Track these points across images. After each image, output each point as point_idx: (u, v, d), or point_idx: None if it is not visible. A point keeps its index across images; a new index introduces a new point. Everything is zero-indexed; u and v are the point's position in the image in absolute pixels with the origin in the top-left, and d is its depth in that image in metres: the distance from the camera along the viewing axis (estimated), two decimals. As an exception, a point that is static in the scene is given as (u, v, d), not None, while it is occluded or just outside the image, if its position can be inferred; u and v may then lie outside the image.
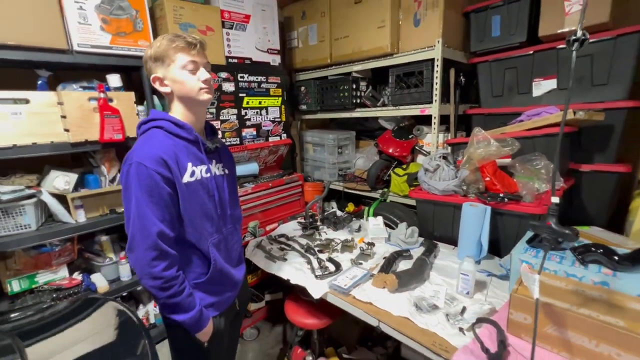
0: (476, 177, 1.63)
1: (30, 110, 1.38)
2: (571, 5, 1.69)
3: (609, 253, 1.02)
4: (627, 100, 1.68)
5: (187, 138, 1.00)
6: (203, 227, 1.02)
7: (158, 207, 0.91)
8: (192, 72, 0.95)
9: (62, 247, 1.74)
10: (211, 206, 1.05)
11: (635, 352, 0.78)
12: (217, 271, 1.05)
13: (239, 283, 1.18)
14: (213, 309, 1.07)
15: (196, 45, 0.95)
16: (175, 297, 0.94)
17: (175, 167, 0.94)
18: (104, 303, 1.01)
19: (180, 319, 0.96)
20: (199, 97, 0.97)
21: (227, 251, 1.12)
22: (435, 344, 0.99)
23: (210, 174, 1.05)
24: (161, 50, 0.94)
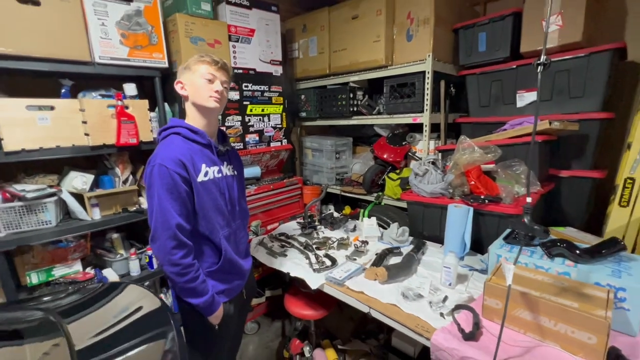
0: (462, 181, 1.77)
1: (55, 116, 1.52)
2: (548, 26, 1.85)
3: (571, 248, 1.16)
4: (600, 112, 1.83)
5: (201, 142, 1.14)
6: (215, 221, 1.16)
7: (177, 202, 1.05)
8: (209, 82, 1.11)
9: (76, 243, 1.86)
10: (222, 203, 1.19)
11: (585, 328, 0.92)
12: (227, 261, 1.18)
13: (246, 273, 1.31)
14: (224, 296, 1.21)
15: (218, 63, 1.11)
16: (191, 282, 1.07)
17: (192, 168, 1.08)
18: (126, 286, 1.14)
19: (195, 302, 1.10)
20: (207, 103, 1.11)
21: (235, 243, 1.25)
22: (418, 326, 1.12)
23: (221, 174, 1.19)
24: (191, 62, 1.13)
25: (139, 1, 1.69)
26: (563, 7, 1.79)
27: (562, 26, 1.81)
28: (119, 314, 0.95)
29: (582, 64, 1.82)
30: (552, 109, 1.97)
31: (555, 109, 1.97)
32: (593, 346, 0.91)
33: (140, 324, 0.93)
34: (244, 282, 1.30)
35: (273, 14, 2.33)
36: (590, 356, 0.92)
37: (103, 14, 1.58)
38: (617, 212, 1.78)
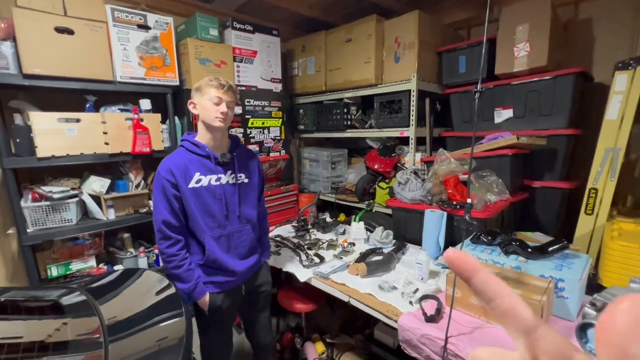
0: (441, 189, 1.96)
1: (80, 127, 1.75)
2: (519, 50, 2.07)
3: (524, 246, 1.34)
4: (567, 128, 2.02)
5: (200, 154, 1.34)
6: (203, 222, 1.33)
7: (166, 202, 1.28)
8: (216, 104, 1.29)
9: (92, 241, 2.07)
10: (216, 207, 1.34)
11: (524, 310, 1.09)
12: (210, 259, 1.35)
13: (239, 272, 1.41)
14: (213, 286, 1.39)
15: (224, 86, 1.30)
16: (175, 269, 1.30)
17: (182, 176, 1.28)
18: (143, 272, 1.33)
19: (180, 286, 1.30)
20: (213, 123, 1.30)
21: (228, 245, 1.39)
22: (389, 311, 1.29)
23: (219, 183, 1.36)
24: (202, 85, 1.32)
25: (156, 28, 1.94)
26: (530, 35, 2.01)
27: (530, 52, 2.03)
28: (143, 294, 1.14)
29: (550, 85, 2.02)
30: (525, 125, 2.17)
31: (528, 125, 2.16)
32: (531, 326, 1.08)
33: (163, 303, 1.12)
34: (236, 280, 1.43)
35: (274, 37, 2.58)
36: (529, 335, 1.08)
37: (125, 40, 1.82)
38: (583, 219, 1.95)
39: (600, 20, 2.25)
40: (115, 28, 1.78)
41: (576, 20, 2.32)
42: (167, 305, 1.12)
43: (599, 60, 2.27)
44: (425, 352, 1.16)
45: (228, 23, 2.32)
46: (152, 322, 1.02)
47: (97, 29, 1.72)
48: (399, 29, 2.37)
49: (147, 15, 1.89)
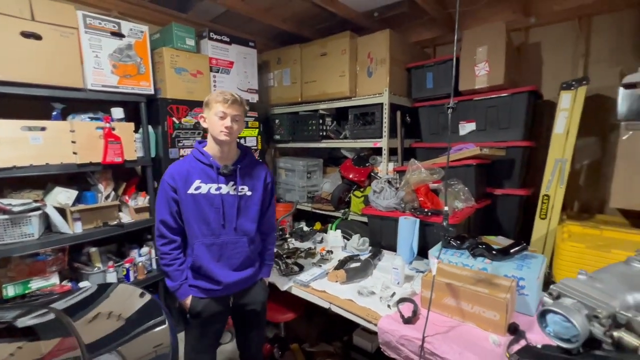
0: (413, 197, 2.07)
1: (47, 136, 1.66)
2: (479, 70, 2.26)
3: (489, 249, 1.45)
4: (522, 141, 2.23)
5: (204, 162, 1.38)
6: (197, 227, 1.36)
7: (166, 204, 1.35)
8: (221, 119, 1.32)
9: (54, 257, 1.94)
10: (212, 215, 1.36)
11: (492, 308, 1.19)
12: (196, 265, 1.37)
13: (225, 283, 1.39)
14: (197, 290, 1.39)
15: (229, 101, 1.32)
16: (165, 267, 1.37)
17: (181, 181, 1.33)
18: (116, 286, 1.28)
19: (167, 283, 1.39)
20: (219, 136, 1.33)
21: (220, 254, 1.38)
22: (369, 315, 1.34)
23: (219, 192, 1.37)
24: (210, 100, 1.36)
25: (131, 36, 1.90)
26: (489, 56, 2.21)
27: (489, 71, 2.23)
28: (118, 309, 1.10)
29: (507, 102, 2.23)
30: (487, 138, 2.36)
31: (489, 138, 2.35)
32: (498, 322, 1.18)
33: (142, 313, 1.09)
34: (222, 290, 1.41)
35: (251, 49, 2.61)
36: (497, 330, 1.18)
37: (97, 47, 1.78)
38: (538, 223, 2.14)
39: (547, 45, 2.52)
40: (87, 35, 1.73)
41: (527, 44, 2.58)
42: (148, 314, 1.09)
43: (547, 80, 2.53)
44: (404, 353, 1.22)
45: (204, 33, 2.32)
46: (135, 334, 0.99)
47: (68, 35, 1.66)
48: (372, 45, 2.51)
49: (121, 22, 1.85)
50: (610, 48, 2.26)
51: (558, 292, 0.51)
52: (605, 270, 0.56)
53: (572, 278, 0.53)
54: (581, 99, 1.97)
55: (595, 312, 0.45)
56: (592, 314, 0.45)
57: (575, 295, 0.49)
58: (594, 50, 2.33)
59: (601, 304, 0.46)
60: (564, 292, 0.50)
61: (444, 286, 1.30)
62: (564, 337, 0.47)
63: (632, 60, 2.17)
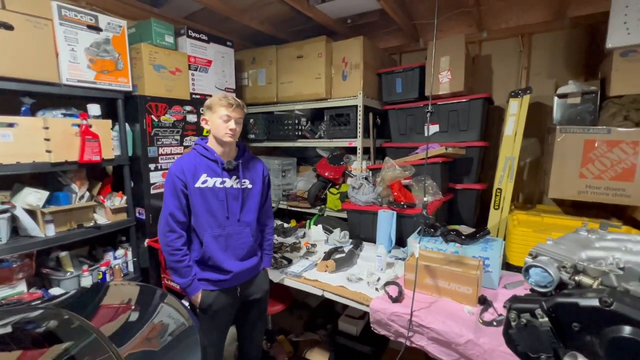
0: (388, 192, 2.26)
1: (17, 133, 1.56)
2: (442, 77, 2.53)
3: (459, 235, 1.68)
4: (478, 141, 2.53)
5: (209, 157, 1.42)
6: (205, 220, 1.40)
7: (175, 198, 1.38)
8: (225, 121, 1.38)
9: (21, 263, 1.81)
10: (218, 208, 1.42)
11: (465, 283, 1.39)
12: (206, 256, 1.41)
13: (233, 273, 1.45)
14: (207, 283, 1.42)
15: (232, 105, 1.38)
16: (176, 263, 1.37)
17: (190, 176, 1.38)
18: (108, 286, 1.27)
19: (177, 281, 1.38)
20: (224, 138, 1.40)
21: (226, 244, 1.44)
22: (361, 298, 1.48)
23: (223, 186, 1.43)
24: (213, 103, 1.40)
25: (108, 31, 1.84)
26: (451, 65, 2.48)
27: (451, 79, 2.50)
28: (123, 303, 1.10)
29: (465, 106, 2.52)
30: (449, 138, 2.63)
31: (451, 138, 2.63)
32: (470, 295, 1.39)
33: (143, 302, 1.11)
34: (231, 280, 1.47)
35: (228, 48, 2.62)
36: (470, 302, 1.39)
37: (73, 40, 1.70)
38: (493, 213, 2.45)
39: (496, 57, 2.87)
40: (62, 27, 1.65)
41: (481, 56, 2.92)
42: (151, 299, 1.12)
43: (497, 88, 2.89)
44: (394, 328, 1.37)
45: (183, 31, 2.30)
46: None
47: (42, 26, 1.57)
48: (346, 50, 2.66)
49: (98, 16, 1.79)
50: (547, 63, 2.66)
51: (536, 252, 0.68)
52: (563, 238, 0.75)
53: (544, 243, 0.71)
54: (526, 106, 2.31)
55: (563, 263, 0.63)
56: (561, 265, 0.63)
57: (549, 253, 0.66)
58: (534, 64, 2.71)
59: (566, 258, 0.64)
60: (540, 253, 0.68)
61: (424, 268, 1.48)
62: (542, 284, 0.64)
63: (563, 74, 2.58)
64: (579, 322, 0.55)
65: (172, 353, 0.87)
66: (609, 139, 1.98)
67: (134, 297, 1.16)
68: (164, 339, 0.93)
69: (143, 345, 0.91)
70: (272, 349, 2.00)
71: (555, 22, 2.57)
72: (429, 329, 1.28)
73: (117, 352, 0.83)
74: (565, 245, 0.70)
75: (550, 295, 0.62)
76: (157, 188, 2.18)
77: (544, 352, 0.58)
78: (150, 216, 2.16)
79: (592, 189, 2.06)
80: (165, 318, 1.01)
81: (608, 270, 0.59)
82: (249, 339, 1.69)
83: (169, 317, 1.00)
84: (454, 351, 1.23)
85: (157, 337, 0.94)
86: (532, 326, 0.59)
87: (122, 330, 0.94)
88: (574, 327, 0.56)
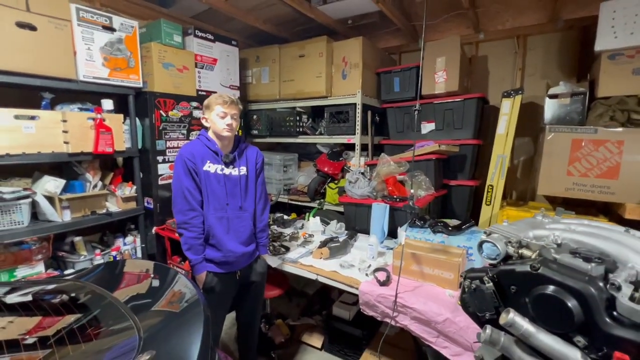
0: (383, 186, 2.37)
1: (39, 125, 1.70)
2: (438, 77, 2.62)
3: (446, 226, 1.78)
4: (473, 139, 2.63)
5: (211, 148, 1.56)
6: (210, 201, 1.54)
7: (188, 176, 1.51)
8: (222, 118, 1.51)
9: (40, 245, 1.96)
10: (219, 191, 1.55)
11: (448, 269, 1.50)
12: (212, 235, 1.54)
13: (237, 254, 1.58)
14: (213, 265, 1.55)
15: (227, 102, 1.52)
16: (195, 239, 1.51)
17: (199, 159, 1.52)
18: (124, 262, 1.41)
19: (190, 256, 1.51)
20: (222, 133, 1.53)
21: (228, 226, 1.57)
22: (351, 282, 1.60)
23: (222, 173, 1.57)
24: (210, 102, 1.54)
25: (121, 31, 1.97)
26: (446, 66, 2.58)
27: (446, 79, 2.59)
28: (139, 273, 1.24)
29: (460, 105, 2.61)
30: (444, 136, 2.73)
31: (446, 136, 2.72)
32: (452, 280, 1.50)
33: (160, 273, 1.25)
34: (232, 265, 1.60)
35: (233, 47, 2.75)
36: (452, 287, 1.50)
37: (90, 40, 1.83)
38: (484, 209, 2.55)
39: (492, 58, 2.96)
40: (80, 27, 1.78)
41: (477, 57, 3.01)
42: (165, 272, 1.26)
43: (492, 88, 2.97)
44: (380, 309, 1.49)
45: (190, 31, 2.42)
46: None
47: (62, 27, 1.70)
48: (346, 50, 2.76)
49: (112, 17, 1.92)
50: (541, 64, 2.74)
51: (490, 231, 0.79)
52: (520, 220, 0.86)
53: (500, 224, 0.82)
54: (517, 106, 2.39)
55: (509, 239, 0.74)
56: (508, 240, 0.74)
57: (499, 232, 0.77)
58: (529, 65, 2.79)
59: (514, 235, 0.75)
60: (493, 231, 0.79)
61: (410, 256, 1.59)
62: (492, 257, 0.75)
63: (556, 75, 2.66)
64: (515, 285, 0.66)
65: (187, 316, 1.01)
66: (595, 138, 2.06)
67: (150, 269, 1.30)
68: (181, 305, 1.06)
69: (167, 307, 1.05)
70: (270, 331, 2.13)
71: (550, 25, 2.64)
72: (411, 309, 1.39)
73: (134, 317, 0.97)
74: (518, 225, 0.81)
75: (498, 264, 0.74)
76: (165, 179, 2.32)
77: (488, 311, 0.70)
78: (158, 205, 2.30)
79: (579, 186, 2.15)
80: (182, 287, 1.15)
81: (546, 245, 0.70)
82: (248, 322, 1.82)
83: (185, 287, 1.14)
84: (433, 329, 1.34)
85: (177, 302, 1.09)
86: (480, 290, 0.70)
87: (148, 294, 1.09)
88: (512, 289, 0.67)
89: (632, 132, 1.94)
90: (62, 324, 0.99)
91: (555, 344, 0.58)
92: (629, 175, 1.94)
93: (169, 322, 1.01)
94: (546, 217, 0.87)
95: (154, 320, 1.01)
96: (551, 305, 0.60)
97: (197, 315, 1.02)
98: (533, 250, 0.72)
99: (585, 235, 0.72)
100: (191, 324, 0.98)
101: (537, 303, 0.61)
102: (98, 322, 1.00)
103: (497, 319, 0.67)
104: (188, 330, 0.94)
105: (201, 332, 0.93)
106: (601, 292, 0.57)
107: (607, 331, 0.55)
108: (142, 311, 1.04)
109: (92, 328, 0.98)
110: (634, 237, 0.72)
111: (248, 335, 1.84)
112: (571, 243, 0.71)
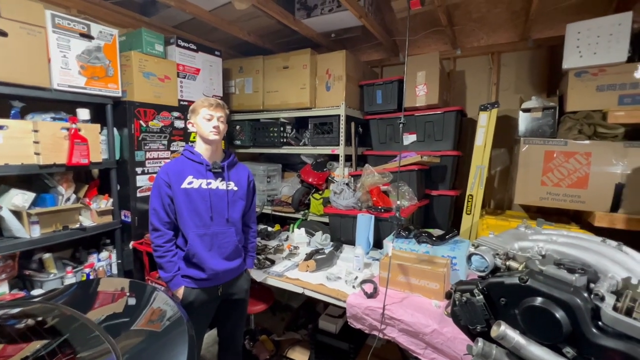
0: (367, 197, 2.38)
1: (7, 135, 1.60)
2: (419, 91, 2.70)
3: (430, 236, 1.81)
4: (452, 151, 2.71)
5: (195, 160, 1.52)
6: (190, 219, 1.48)
7: (159, 199, 1.47)
8: (208, 120, 1.48)
9: (4, 264, 1.82)
10: (202, 207, 1.49)
11: (433, 280, 1.52)
12: (191, 254, 1.49)
13: (217, 272, 1.52)
14: (190, 281, 1.49)
15: (213, 105, 1.50)
16: (159, 259, 1.48)
17: (175, 178, 1.46)
18: (99, 281, 1.32)
19: (161, 275, 1.48)
20: (209, 136, 1.50)
21: (211, 243, 1.51)
22: (338, 295, 1.59)
23: (208, 187, 1.52)
24: (196, 106, 1.51)
25: (100, 39, 1.91)
26: (427, 80, 2.66)
27: (427, 92, 2.68)
28: (113, 292, 1.16)
29: (440, 118, 2.69)
30: (425, 148, 2.80)
31: (427, 148, 2.80)
32: (438, 290, 1.51)
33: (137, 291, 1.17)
34: (213, 280, 1.54)
35: (216, 58, 2.73)
36: (438, 297, 1.51)
37: (66, 47, 1.76)
38: (465, 218, 2.62)
39: (469, 73, 3.09)
40: (55, 34, 1.71)
41: (455, 71, 3.13)
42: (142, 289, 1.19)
43: (470, 101, 3.10)
44: (368, 322, 1.48)
45: (172, 40, 2.39)
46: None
47: (35, 33, 1.63)
48: (330, 62, 2.81)
49: (90, 24, 1.86)
50: (514, 79, 2.89)
51: (478, 243, 0.81)
52: (504, 232, 0.89)
53: (486, 236, 0.84)
54: (494, 119, 2.50)
55: (497, 251, 0.76)
56: (495, 253, 0.76)
57: (487, 244, 0.79)
58: (503, 80, 2.94)
59: (501, 247, 0.77)
60: (481, 243, 0.81)
61: (397, 267, 1.60)
62: (481, 269, 0.77)
63: (528, 90, 2.80)
64: (505, 297, 0.68)
65: (170, 336, 0.95)
66: (565, 150, 2.18)
67: (126, 287, 1.23)
68: (163, 323, 1.01)
69: (147, 326, 0.99)
70: (255, 348, 2.07)
71: (521, 43, 2.80)
72: (399, 321, 1.39)
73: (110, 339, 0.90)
74: (503, 237, 0.83)
75: (487, 277, 0.75)
76: (144, 191, 2.23)
77: (479, 323, 0.70)
78: (136, 218, 2.20)
79: (552, 195, 2.25)
80: (162, 304, 1.09)
81: (531, 256, 0.73)
82: (230, 339, 1.75)
83: (165, 304, 1.08)
84: (421, 341, 1.35)
85: (157, 320, 1.03)
86: (471, 302, 0.71)
87: (124, 313, 1.02)
88: (501, 301, 0.68)
89: (598, 145, 2.06)
90: (27, 351, 0.91)
91: (546, 356, 0.60)
92: (597, 185, 2.05)
93: (151, 342, 0.95)
94: (529, 228, 0.90)
95: (134, 341, 0.95)
96: (540, 317, 0.61)
97: (181, 334, 0.97)
98: (519, 262, 0.74)
99: (566, 246, 0.75)
100: (175, 344, 0.94)
101: (526, 314, 0.63)
102: (70, 346, 0.94)
103: (488, 332, 0.68)
104: (173, 350, 0.89)
105: (186, 353, 0.88)
106: (586, 303, 0.59)
107: (593, 341, 0.57)
108: (119, 332, 0.98)
109: (63, 354, 0.91)
110: (610, 247, 0.76)
111: (230, 353, 1.77)
112: (554, 254, 0.74)
